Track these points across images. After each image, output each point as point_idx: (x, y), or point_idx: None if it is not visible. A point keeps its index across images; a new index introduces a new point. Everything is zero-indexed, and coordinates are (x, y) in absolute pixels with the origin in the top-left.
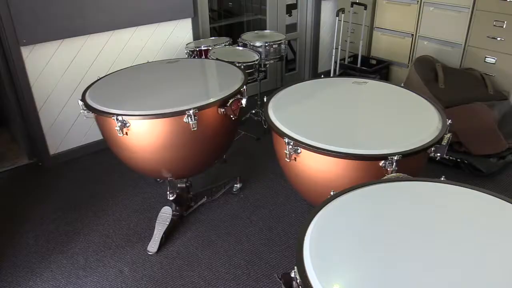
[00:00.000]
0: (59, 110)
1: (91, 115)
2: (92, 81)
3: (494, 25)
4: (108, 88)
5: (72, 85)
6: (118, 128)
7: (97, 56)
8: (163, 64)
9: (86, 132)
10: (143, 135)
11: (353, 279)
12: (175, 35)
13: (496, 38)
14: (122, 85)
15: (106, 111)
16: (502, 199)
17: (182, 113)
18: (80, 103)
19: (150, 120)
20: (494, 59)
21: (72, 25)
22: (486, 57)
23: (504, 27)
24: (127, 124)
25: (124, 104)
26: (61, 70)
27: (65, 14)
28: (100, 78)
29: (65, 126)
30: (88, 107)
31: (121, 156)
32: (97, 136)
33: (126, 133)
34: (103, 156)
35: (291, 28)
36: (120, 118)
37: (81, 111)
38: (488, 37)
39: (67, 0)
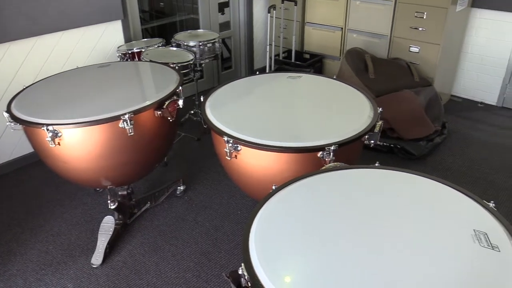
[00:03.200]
0: None
1: (19, 127)
2: (18, 91)
3: (416, 16)
4: (36, 97)
5: None
6: (49, 139)
7: (21, 64)
8: (94, 69)
9: (15, 145)
10: (77, 144)
11: (300, 269)
12: (105, 38)
13: (418, 29)
14: (51, 93)
15: (35, 121)
16: (432, 179)
17: (117, 118)
18: (6, 115)
19: (84, 128)
20: (417, 48)
21: None
22: (410, 46)
23: (424, 17)
24: (59, 134)
25: (54, 113)
26: None
27: None
28: (26, 87)
29: None
30: (14, 118)
31: (55, 168)
32: (27, 149)
33: (59, 144)
34: (35, 169)
35: (225, 26)
36: (50, 128)
37: (7, 123)
38: (411, 27)
39: None
